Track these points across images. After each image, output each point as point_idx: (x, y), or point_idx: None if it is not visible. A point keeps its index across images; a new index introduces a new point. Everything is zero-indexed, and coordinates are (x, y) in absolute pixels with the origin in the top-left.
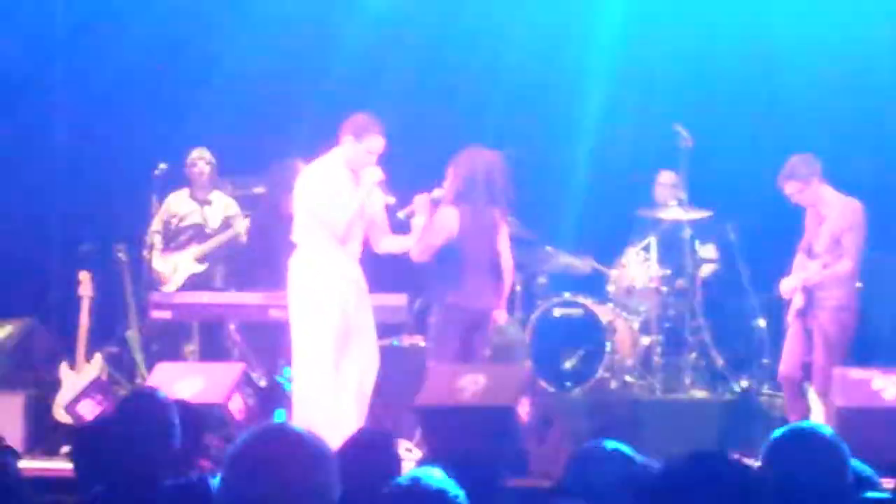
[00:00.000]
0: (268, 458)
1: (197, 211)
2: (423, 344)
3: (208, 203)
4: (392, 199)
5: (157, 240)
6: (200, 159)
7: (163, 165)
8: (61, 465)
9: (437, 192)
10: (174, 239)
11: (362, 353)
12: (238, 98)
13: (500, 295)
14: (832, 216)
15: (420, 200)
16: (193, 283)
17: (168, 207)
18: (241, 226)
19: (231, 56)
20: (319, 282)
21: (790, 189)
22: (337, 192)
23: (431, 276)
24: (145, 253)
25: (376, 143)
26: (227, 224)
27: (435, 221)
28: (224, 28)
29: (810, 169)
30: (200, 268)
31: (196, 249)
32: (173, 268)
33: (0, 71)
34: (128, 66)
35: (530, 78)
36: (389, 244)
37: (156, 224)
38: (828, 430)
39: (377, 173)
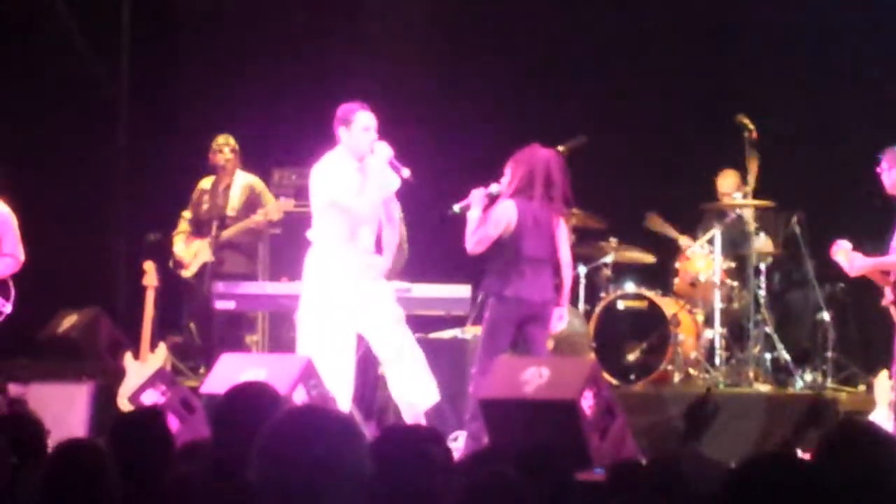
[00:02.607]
0: (297, 437)
1: (219, 198)
2: None
3: (230, 188)
4: (407, 172)
5: (185, 226)
6: (226, 146)
7: (152, 237)
8: None
9: (493, 187)
10: (200, 226)
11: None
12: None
13: (559, 290)
14: None
15: (476, 194)
16: (213, 271)
17: (196, 195)
18: (271, 205)
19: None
20: (329, 282)
21: (887, 179)
22: (348, 182)
23: (488, 270)
24: (154, 238)
25: (363, 117)
26: (248, 205)
27: (493, 213)
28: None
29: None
30: (211, 257)
31: (214, 237)
32: (194, 254)
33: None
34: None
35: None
36: (385, 238)
37: (188, 212)
38: (882, 427)
39: (385, 150)
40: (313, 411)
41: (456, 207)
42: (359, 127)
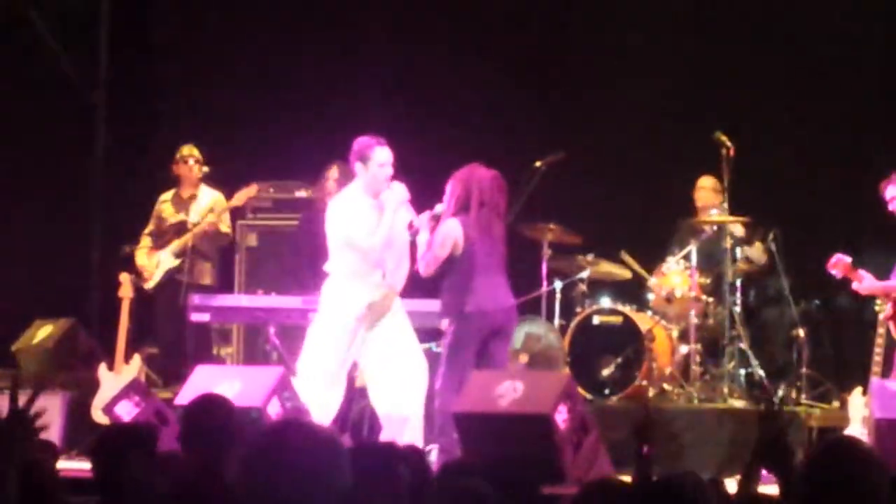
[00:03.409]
0: (281, 449)
1: (182, 208)
2: None
3: (194, 199)
4: (413, 217)
5: (147, 241)
6: (190, 157)
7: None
8: None
9: (438, 208)
10: (161, 237)
11: (390, 374)
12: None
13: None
14: None
15: (423, 218)
16: (173, 278)
17: (157, 207)
18: (224, 220)
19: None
20: (338, 315)
21: (889, 194)
22: (364, 221)
23: (445, 289)
24: (129, 249)
25: (381, 154)
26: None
27: (438, 234)
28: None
29: None
30: (176, 262)
31: (175, 244)
32: (155, 264)
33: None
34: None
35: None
36: (395, 276)
37: (149, 226)
38: (866, 443)
39: (401, 191)
40: (297, 424)
41: (406, 233)
42: (376, 163)
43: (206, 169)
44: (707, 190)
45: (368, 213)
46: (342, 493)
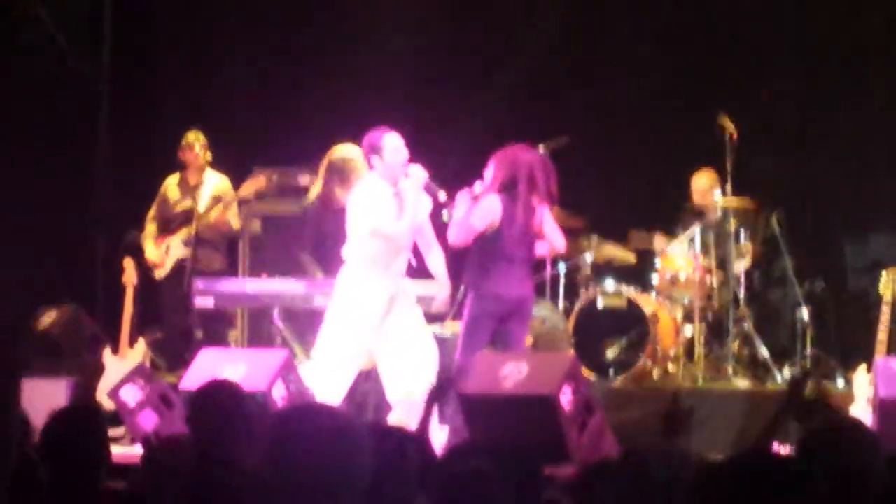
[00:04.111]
0: (307, 434)
1: (189, 194)
2: None
3: (200, 185)
4: (444, 195)
5: (152, 228)
6: (196, 142)
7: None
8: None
9: (478, 187)
10: (168, 224)
11: (403, 360)
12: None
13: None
14: None
15: (462, 196)
16: (182, 267)
17: (163, 193)
18: (233, 212)
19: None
20: (359, 303)
21: None
22: (388, 207)
23: (469, 264)
24: (142, 240)
25: (392, 140)
26: (216, 204)
27: (479, 206)
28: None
29: None
30: (186, 251)
31: (184, 232)
32: (165, 252)
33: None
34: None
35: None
36: (434, 262)
37: (152, 211)
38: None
39: (420, 174)
40: (322, 409)
41: (445, 217)
42: (390, 150)
43: (209, 155)
44: (705, 177)
45: (390, 200)
46: (363, 476)
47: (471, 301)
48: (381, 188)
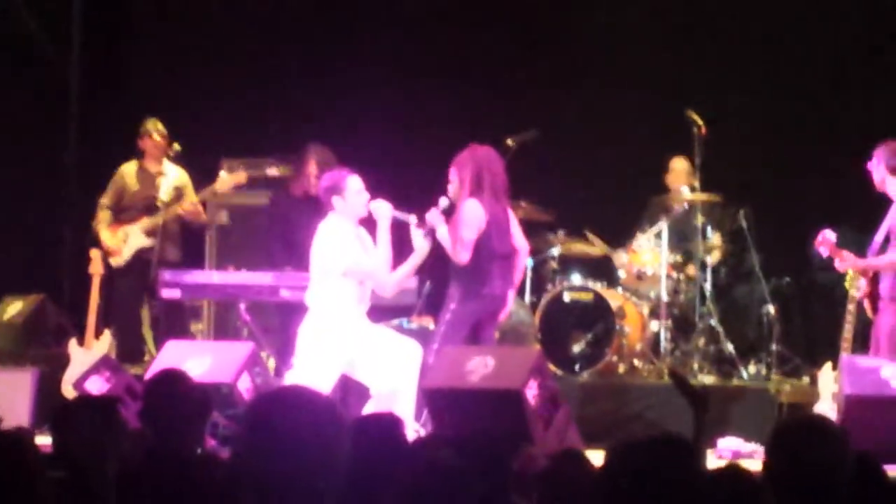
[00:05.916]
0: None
1: (148, 183)
2: (431, 326)
3: (161, 175)
4: (414, 218)
5: (106, 214)
6: (155, 130)
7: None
8: None
9: (443, 201)
10: (125, 212)
11: (378, 369)
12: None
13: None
14: (891, 211)
15: (433, 216)
16: (140, 258)
17: (119, 180)
18: (192, 198)
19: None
20: (335, 342)
21: (876, 175)
22: (357, 246)
23: (462, 269)
24: (93, 227)
25: (354, 182)
26: (178, 196)
27: (464, 216)
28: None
29: (883, 158)
30: (149, 242)
31: (146, 222)
32: (122, 240)
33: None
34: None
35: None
36: (397, 276)
37: (105, 198)
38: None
39: (384, 209)
40: (300, 392)
41: (419, 240)
42: (353, 192)
43: (177, 147)
44: (680, 172)
45: (356, 241)
46: (340, 465)
47: (465, 300)
48: (345, 227)
